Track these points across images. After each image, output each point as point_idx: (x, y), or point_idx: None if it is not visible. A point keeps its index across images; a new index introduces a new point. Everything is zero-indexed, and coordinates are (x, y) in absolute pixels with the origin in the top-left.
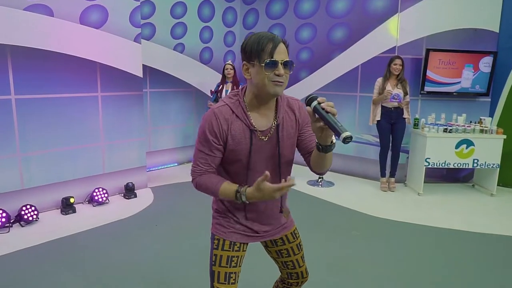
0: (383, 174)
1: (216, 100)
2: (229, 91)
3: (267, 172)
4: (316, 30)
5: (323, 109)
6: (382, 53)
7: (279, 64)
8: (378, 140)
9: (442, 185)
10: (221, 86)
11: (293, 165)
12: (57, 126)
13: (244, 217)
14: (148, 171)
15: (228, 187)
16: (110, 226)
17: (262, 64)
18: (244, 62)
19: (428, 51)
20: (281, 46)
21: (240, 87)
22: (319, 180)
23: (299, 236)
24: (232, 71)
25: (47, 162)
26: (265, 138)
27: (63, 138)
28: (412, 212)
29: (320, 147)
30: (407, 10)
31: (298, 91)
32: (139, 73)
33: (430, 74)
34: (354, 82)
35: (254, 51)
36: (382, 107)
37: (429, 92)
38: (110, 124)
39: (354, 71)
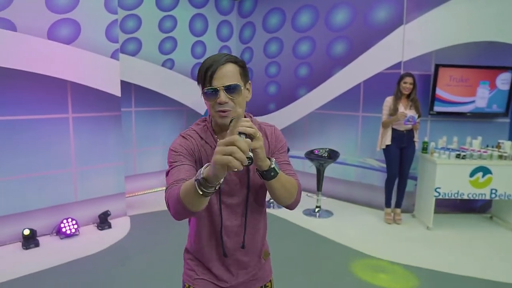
0: (388, 205)
1: None
2: None
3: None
4: (315, 44)
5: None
6: (386, 69)
7: (220, 91)
8: (382, 165)
9: (454, 217)
10: None
11: None
12: (21, 150)
13: (217, 260)
14: (131, 196)
15: (188, 181)
16: (75, 263)
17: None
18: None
19: (437, 66)
20: (224, 68)
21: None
22: (317, 210)
23: None
24: None
25: (7, 191)
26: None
27: (27, 164)
28: (420, 252)
29: (259, 173)
30: (413, 22)
31: (296, 110)
32: (117, 92)
33: (440, 92)
34: (356, 101)
35: (199, 79)
36: (393, 130)
37: (439, 113)
38: (83, 148)
39: (356, 89)
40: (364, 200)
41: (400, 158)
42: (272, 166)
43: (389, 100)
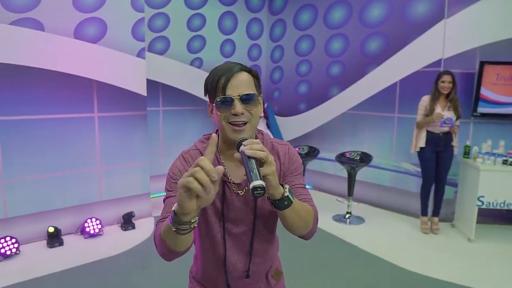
0: (424, 213)
1: None
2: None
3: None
4: (348, 41)
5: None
6: (425, 67)
7: (235, 101)
8: (419, 169)
9: (500, 228)
10: None
11: (319, 193)
12: (46, 149)
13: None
14: (157, 196)
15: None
16: (98, 263)
17: (213, 104)
18: (208, 102)
19: (482, 64)
20: (239, 76)
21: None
22: (347, 216)
23: None
24: None
25: (33, 189)
26: (241, 192)
27: (53, 163)
28: (460, 266)
29: (270, 202)
30: (455, 16)
31: (328, 110)
32: (143, 91)
33: (484, 92)
34: (391, 101)
35: (209, 89)
36: (428, 132)
37: (483, 114)
38: (108, 147)
39: (391, 88)
40: (398, 207)
41: (436, 162)
42: (286, 195)
43: (425, 100)
